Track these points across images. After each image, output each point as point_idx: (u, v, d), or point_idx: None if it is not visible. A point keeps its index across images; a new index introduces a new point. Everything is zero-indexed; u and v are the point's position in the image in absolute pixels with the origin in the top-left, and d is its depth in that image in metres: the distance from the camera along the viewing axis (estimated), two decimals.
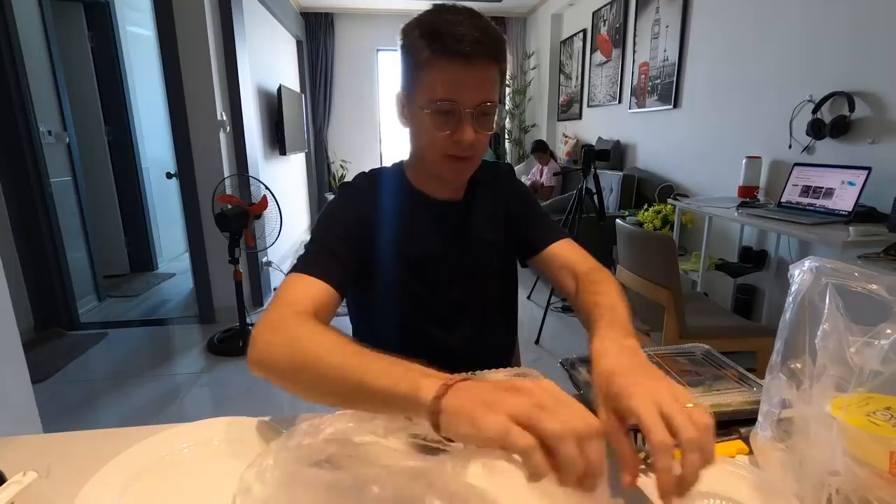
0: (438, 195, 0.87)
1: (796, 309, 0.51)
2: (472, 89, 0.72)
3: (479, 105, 0.73)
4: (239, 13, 3.13)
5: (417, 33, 0.73)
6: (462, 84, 0.71)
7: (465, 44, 0.69)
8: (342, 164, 6.28)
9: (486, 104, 0.73)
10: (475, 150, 0.77)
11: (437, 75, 0.72)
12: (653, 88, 3.52)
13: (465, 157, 0.78)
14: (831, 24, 2.12)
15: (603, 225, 3.04)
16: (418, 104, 0.75)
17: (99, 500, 0.53)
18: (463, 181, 0.87)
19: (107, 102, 3.73)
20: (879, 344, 0.45)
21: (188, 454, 0.62)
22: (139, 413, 2.14)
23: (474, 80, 0.72)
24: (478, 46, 0.70)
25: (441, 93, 0.72)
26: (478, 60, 0.71)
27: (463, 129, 0.73)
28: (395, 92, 0.82)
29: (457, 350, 0.89)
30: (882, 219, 1.84)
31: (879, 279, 0.47)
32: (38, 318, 2.87)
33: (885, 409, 0.48)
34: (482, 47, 0.70)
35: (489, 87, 0.74)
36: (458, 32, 0.69)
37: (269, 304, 0.65)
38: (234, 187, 2.82)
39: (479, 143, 0.76)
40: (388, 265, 0.84)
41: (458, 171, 0.81)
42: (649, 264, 1.88)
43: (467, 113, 0.73)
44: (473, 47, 0.69)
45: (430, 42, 0.71)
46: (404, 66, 0.77)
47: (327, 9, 5.76)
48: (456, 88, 0.71)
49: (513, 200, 0.94)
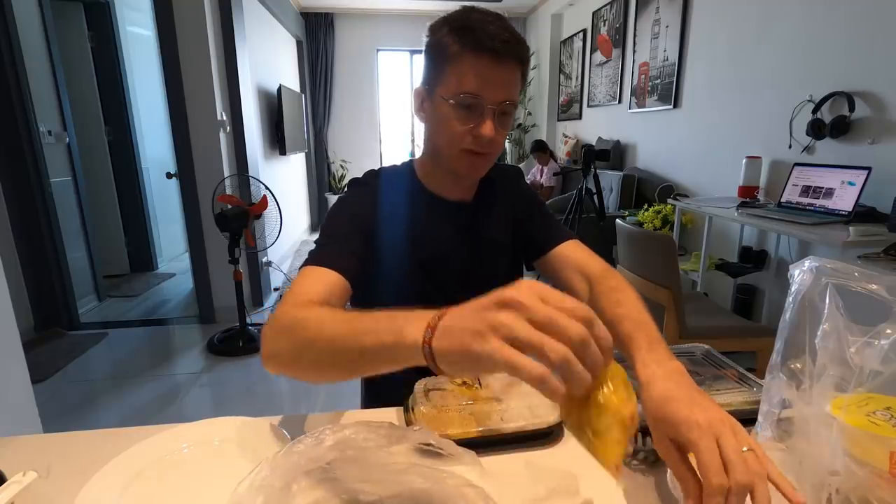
0: (449, 195, 0.87)
1: (796, 309, 0.51)
2: (498, 86, 0.74)
3: (502, 103, 0.74)
4: (239, 13, 3.13)
5: (447, 29, 0.74)
6: (488, 79, 0.73)
7: (495, 41, 0.71)
8: (342, 164, 6.28)
9: (508, 103, 0.75)
10: (493, 146, 0.78)
11: (465, 68, 0.73)
12: (653, 88, 3.52)
13: (483, 153, 0.78)
14: (831, 24, 2.12)
15: (603, 225, 3.04)
16: (442, 95, 0.76)
17: (99, 500, 0.53)
18: (476, 178, 0.88)
19: (107, 102, 3.73)
20: (879, 344, 0.45)
21: (188, 454, 0.62)
22: (139, 413, 2.14)
23: (500, 77, 0.74)
24: (506, 46, 0.72)
25: (467, 86, 0.73)
26: (505, 59, 0.73)
27: (484, 123, 0.74)
28: (415, 88, 0.83)
29: None
30: (882, 219, 1.84)
31: (879, 279, 0.47)
32: (38, 318, 2.87)
33: (885, 409, 0.48)
34: (510, 47, 0.72)
35: (512, 87, 0.75)
36: (489, 30, 0.71)
37: (282, 298, 0.66)
38: (234, 187, 2.82)
39: (497, 140, 0.77)
40: (397, 263, 0.84)
41: (474, 167, 0.81)
42: (649, 264, 1.88)
43: (490, 109, 0.74)
44: (503, 46, 0.71)
45: (461, 36, 0.73)
46: (429, 61, 0.78)
47: (327, 9, 5.76)
48: (482, 83, 0.73)
49: (520, 202, 0.95)
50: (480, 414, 0.67)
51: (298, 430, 0.69)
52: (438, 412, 0.67)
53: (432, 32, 0.77)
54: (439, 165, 0.85)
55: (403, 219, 0.85)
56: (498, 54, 0.72)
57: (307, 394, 2.29)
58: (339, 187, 6.23)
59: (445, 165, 0.83)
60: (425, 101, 0.81)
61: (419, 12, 5.87)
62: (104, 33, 3.64)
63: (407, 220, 0.85)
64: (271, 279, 3.70)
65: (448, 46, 0.74)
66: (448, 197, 0.87)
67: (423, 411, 0.67)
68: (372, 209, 0.83)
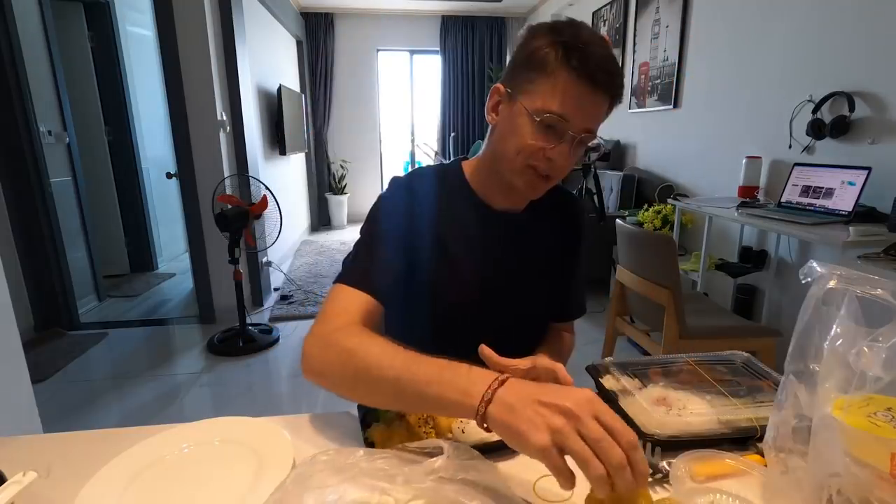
0: (499, 204, 0.84)
1: (808, 313, 0.51)
2: (587, 115, 0.71)
3: (585, 132, 0.71)
4: (239, 13, 3.13)
5: (552, 39, 0.70)
6: (580, 106, 0.70)
7: (599, 69, 0.68)
8: (342, 164, 6.28)
9: (590, 134, 0.72)
10: (560, 172, 0.75)
11: (560, 88, 0.69)
12: (653, 88, 3.52)
13: (547, 176, 0.75)
14: (831, 24, 2.12)
15: (603, 225, 3.04)
16: (526, 106, 0.71)
17: (99, 500, 0.53)
18: (531, 198, 0.83)
19: (107, 102, 3.73)
20: (883, 347, 0.45)
21: (188, 454, 0.62)
22: (139, 413, 2.14)
23: (592, 106, 0.71)
24: (607, 76, 0.69)
25: (557, 106, 0.69)
26: (601, 89, 0.70)
27: (561, 148, 0.71)
28: (495, 85, 0.78)
29: None
30: (882, 219, 1.84)
31: (885, 284, 0.47)
32: (38, 318, 2.87)
33: (886, 410, 0.48)
34: (609, 78, 0.69)
35: (598, 117, 0.73)
36: (595, 55, 0.68)
37: (318, 316, 0.69)
38: (234, 187, 2.82)
39: (565, 168, 0.74)
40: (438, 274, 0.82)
41: (533, 187, 0.77)
42: (649, 264, 1.88)
43: (571, 136, 0.71)
44: (605, 76, 0.69)
45: (565, 52, 0.68)
46: (521, 63, 0.73)
47: (327, 9, 5.76)
48: (573, 107, 0.69)
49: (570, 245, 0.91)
50: (440, 427, 0.66)
51: (299, 430, 0.69)
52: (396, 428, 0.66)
53: (533, 35, 0.72)
54: (496, 172, 0.80)
55: (448, 226, 0.82)
56: (596, 83, 0.68)
57: (307, 394, 2.28)
58: (339, 187, 6.23)
59: (505, 174, 0.78)
60: (503, 103, 0.76)
61: (419, 12, 5.87)
62: (104, 33, 3.64)
63: (452, 228, 0.82)
64: (271, 279, 3.71)
65: (548, 57, 0.69)
66: (498, 206, 0.84)
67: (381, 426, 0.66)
68: (414, 214, 0.80)
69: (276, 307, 3.37)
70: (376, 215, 0.80)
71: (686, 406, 0.66)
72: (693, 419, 0.64)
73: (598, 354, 2.30)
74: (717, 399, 0.68)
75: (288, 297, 3.52)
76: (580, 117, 0.70)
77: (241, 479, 0.57)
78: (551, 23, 0.72)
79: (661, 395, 0.69)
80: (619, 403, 0.68)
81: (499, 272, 0.85)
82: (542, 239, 0.88)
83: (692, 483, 0.52)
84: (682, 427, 0.62)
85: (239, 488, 0.55)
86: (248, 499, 0.52)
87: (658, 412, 0.65)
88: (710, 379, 0.74)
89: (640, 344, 2.11)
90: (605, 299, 3.36)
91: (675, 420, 0.63)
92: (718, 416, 0.64)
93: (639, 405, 0.67)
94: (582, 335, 2.91)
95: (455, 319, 0.84)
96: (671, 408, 0.66)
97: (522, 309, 0.89)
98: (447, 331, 0.84)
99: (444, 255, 0.81)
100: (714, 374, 0.76)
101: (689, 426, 0.62)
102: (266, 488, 0.52)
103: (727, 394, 0.69)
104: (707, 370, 0.77)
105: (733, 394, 0.69)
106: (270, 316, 3.22)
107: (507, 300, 0.86)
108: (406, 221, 0.80)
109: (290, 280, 3.93)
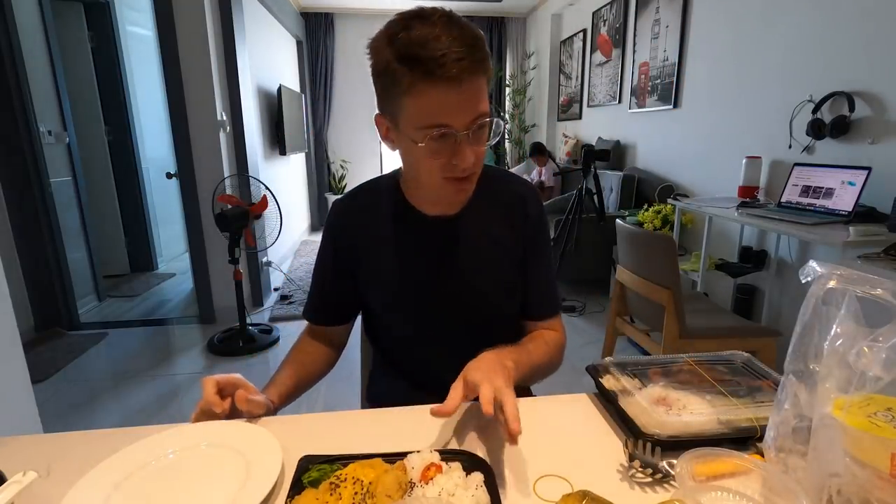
0: (433, 210, 0.83)
1: (808, 313, 0.51)
2: (464, 110, 0.66)
3: (473, 122, 0.67)
4: (239, 13, 3.13)
5: (392, 55, 0.64)
6: (452, 107, 0.65)
7: (448, 66, 0.61)
8: (342, 164, 6.28)
9: (480, 118, 0.68)
10: (476, 166, 0.73)
11: (423, 102, 0.64)
12: (653, 88, 3.52)
13: (466, 177, 0.73)
14: (831, 23, 2.12)
15: (603, 225, 3.04)
16: (407, 133, 0.68)
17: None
18: (466, 199, 0.82)
19: (107, 102, 3.73)
20: (883, 347, 0.45)
21: (174, 459, 0.61)
22: (139, 413, 2.14)
23: (464, 99, 0.65)
24: (462, 64, 0.62)
25: (431, 120, 0.65)
26: (464, 78, 0.63)
27: (461, 152, 0.68)
28: (375, 114, 0.74)
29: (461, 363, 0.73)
30: (882, 219, 1.84)
31: (885, 284, 0.47)
32: (38, 318, 2.87)
33: (887, 411, 0.48)
34: (466, 63, 0.62)
35: (480, 101, 0.67)
36: (437, 53, 0.61)
37: None
38: (234, 187, 2.82)
39: (478, 159, 0.72)
40: (386, 287, 0.85)
41: (460, 192, 0.76)
42: (649, 264, 1.88)
43: (463, 135, 0.67)
44: (458, 67, 0.62)
45: (410, 67, 0.63)
46: (382, 88, 0.68)
47: (327, 9, 5.76)
48: (446, 112, 0.65)
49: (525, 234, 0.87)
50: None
51: (298, 430, 0.69)
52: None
53: (376, 54, 0.67)
54: (421, 187, 0.81)
55: (384, 239, 0.83)
56: (457, 77, 0.62)
57: (307, 394, 2.26)
58: (339, 187, 6.23)
59: (428, 191, 0.80)
60: (391, 130, 0.73)
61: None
62: (104, 33, 3.64)
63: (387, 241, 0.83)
64: (271, 279, 3.71)
65: (398, 76, 0.64)
66: (433, 213, 0.83)
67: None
68: (349, 240, 0.85)
69: (276, 307, 3.37)
70: (319, 249, 0.89)
71: (686, 406, 0.66)
72: (693, 419, 0.64)
73: (598, 354, 2.30)
74: (717, 399, 0.68)
75: (288, 297, 3.53)
76: (459, 116, 0.66)
77: (228, 482, 0.56)
78: (385, 28, 0.67)
79: (661, 395, 0.69)
80: (619, 403, 0.68)
81: (442, 276, 0.83)
82: (484, 234, 0.84)
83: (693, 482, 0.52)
84: (682, 427, 0.62)
85: (226, 492, 0.54)
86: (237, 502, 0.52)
87: (658, 412, 0.65)
88: (710, 379, 0.74)
89: (640, 344, 2.11)
90: (605, 299, 3.36)
91: (675, 420, 0.63)
92: (718, 416, 0.64)
93: (639, 405, 0.67)
94: (582, 335, 2.92)
95: (419, 324, 0.86)
96: (671, 408, 0.66)
97: (485, 309, 0.86)
98: (421, 334, 0.88)
99: (381, 268, 0.84)
100: (714, 374, 0.76)
101: (688, 426, 0.62)
102: (254, 491, 0.53)
103: (727, 394, 0.69)
104: (707, 370, 0.77)
105: (733, 394, 0.69)
106: (270, 316, 3.22)
107: (461, 301, 0.84)
108: (342, 245, 0.85)
109: (290, 280, 3.93)
